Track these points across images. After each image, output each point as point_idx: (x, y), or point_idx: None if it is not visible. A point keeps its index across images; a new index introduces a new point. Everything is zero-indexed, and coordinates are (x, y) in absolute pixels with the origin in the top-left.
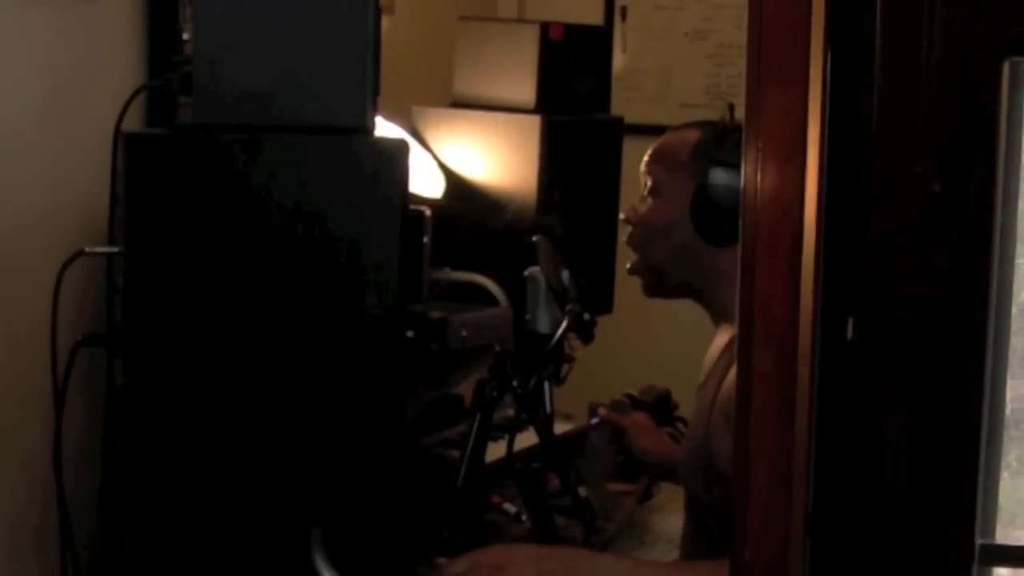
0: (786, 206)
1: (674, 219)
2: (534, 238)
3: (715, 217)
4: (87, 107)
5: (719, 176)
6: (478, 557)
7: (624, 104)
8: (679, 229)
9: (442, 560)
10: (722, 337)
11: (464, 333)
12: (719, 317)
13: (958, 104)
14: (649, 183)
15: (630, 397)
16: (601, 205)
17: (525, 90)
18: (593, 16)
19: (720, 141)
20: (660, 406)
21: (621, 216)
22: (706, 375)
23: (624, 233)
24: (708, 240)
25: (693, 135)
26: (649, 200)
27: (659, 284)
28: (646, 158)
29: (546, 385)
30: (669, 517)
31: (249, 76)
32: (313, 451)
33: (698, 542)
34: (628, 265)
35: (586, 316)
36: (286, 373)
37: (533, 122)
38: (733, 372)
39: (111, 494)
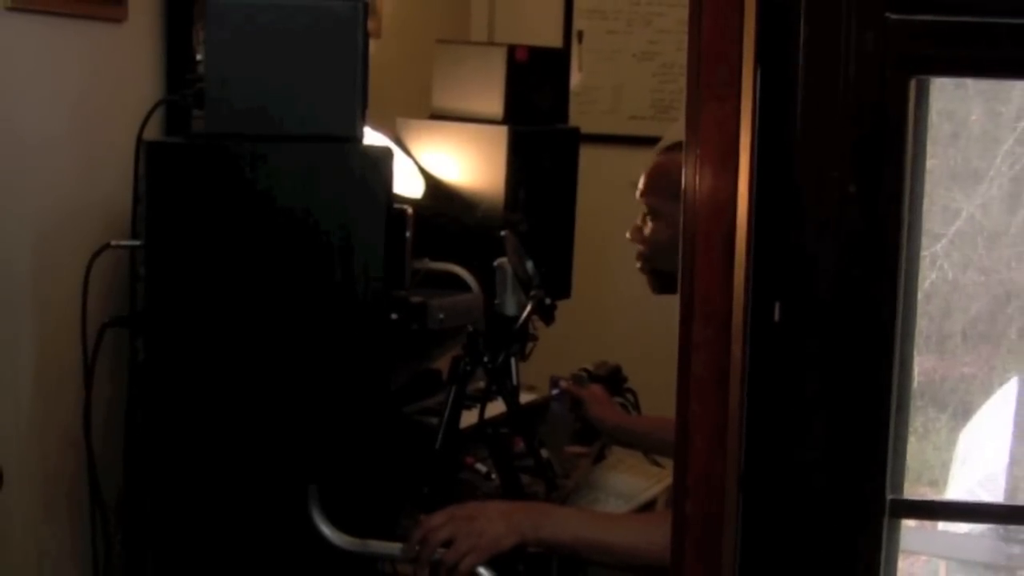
0: (721, 204)
1: (675, 236)
2: (502, 232)
3: None
4: (113, 119)
5: None
6: (453, 511)
7: (580, 116)
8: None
9: (423, 516)
10: None
11: (441, 316)
12: None
13: (871, 115)
14: (647, 209)
15: (586, 371)
16: (560, 204)
17: (494, 104)
18: (553, 39)
19: None
20: (612, 379)
21: (628, 236)
22: None
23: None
24: None
25: (680, 159)
26: (650, 223)
27: (666, 286)
28: (641, 186)
29: (513, 361)
30: (620, 475)
31: (254, 92)
32: (310, 418)
33: None
34: (638, 266)
35: (547, 301)
36: (286, 351)
37: (501, 132)
38: None
39: (134, 455)
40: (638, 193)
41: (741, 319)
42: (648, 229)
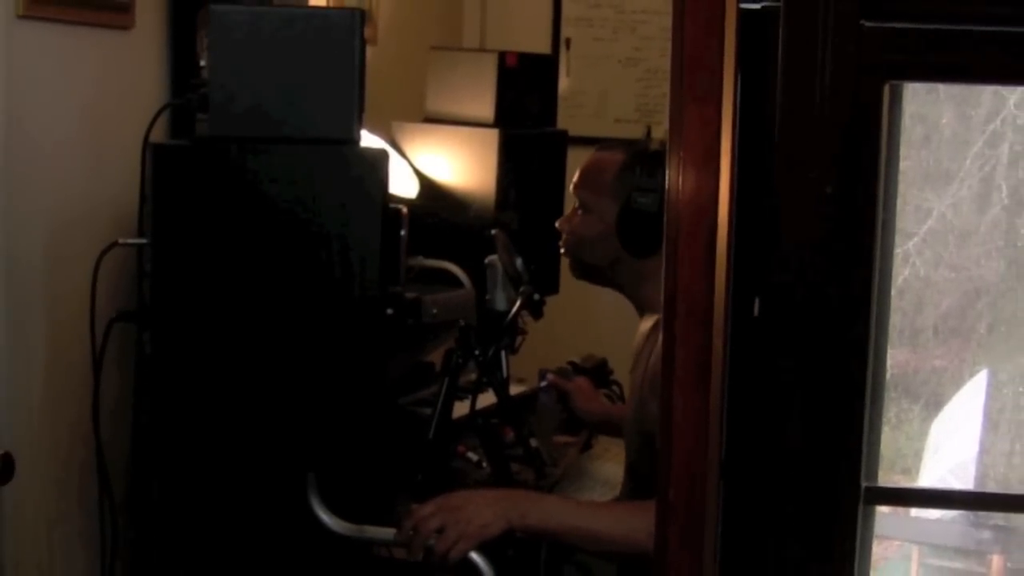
0: (703, 204)
1: (602, 233)
2: (493, 231)
3: (637, 234)
4: (120, 122)
5: (640, 199)
6: (442, 501)
7: (568, 120)
8: (606, 242)
9: (415, 506)
10: (646, 324)
11: (435, 310)
12: (642, 308)
13: (847, 119)
14: (578, 202)
15: (573, 364)
16: (549, 203)
17: (485, 108)
18: (542, 46)
19: (642, 166)
20: (598, 372)
21: (556, 225)
22: (635, 358)
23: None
24: (632, 254)
25: (617, 158)
26: (580, 214)
27: (586, 274)
28: (576, 179)
29: (503, 354)
30: (606, 464)
31: (255, 96)
32: (309, 409)
33: (635, 497)
34: (563, 250)
35: (536, 296)
36: (286, 344)
37: (492, 135)
38: (658, 349)
39: (141, 444)
40: (572, 186)
41: (722, 314)
42: (577, 220)
